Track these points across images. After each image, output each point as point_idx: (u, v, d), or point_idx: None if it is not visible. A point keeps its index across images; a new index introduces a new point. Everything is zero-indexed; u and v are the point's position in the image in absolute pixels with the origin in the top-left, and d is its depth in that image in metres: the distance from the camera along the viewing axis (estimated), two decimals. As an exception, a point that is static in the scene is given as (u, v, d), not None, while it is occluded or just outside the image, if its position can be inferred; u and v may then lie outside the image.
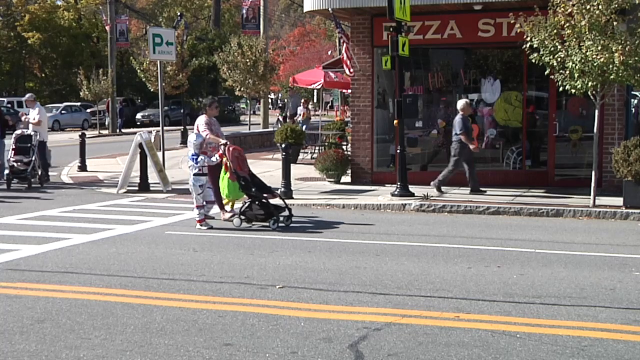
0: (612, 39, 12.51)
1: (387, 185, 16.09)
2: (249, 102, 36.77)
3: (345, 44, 17.31)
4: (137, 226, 11.93)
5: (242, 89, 28.76)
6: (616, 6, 12.51)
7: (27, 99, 18.87)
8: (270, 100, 53.25)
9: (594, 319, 6.77)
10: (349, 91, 19.60)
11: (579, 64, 12.59)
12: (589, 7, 12.43)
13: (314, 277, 8.37)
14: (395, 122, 15.07)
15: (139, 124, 47.60)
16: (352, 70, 17.04)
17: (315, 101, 48.90)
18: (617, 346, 5.98)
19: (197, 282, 8.16)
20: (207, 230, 11.60)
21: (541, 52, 12.99)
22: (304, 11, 18.10)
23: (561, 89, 13.35)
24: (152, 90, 29.25)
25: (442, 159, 16.91)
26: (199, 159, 11.72)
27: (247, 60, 27.93)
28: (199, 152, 11.83)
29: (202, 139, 11.97)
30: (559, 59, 12.84)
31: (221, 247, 10.34)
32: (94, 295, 7.62)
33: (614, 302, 7.30)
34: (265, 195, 11.99)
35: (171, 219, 12.78)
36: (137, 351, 5.87)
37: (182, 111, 42.52)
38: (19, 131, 17.90)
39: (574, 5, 12.56)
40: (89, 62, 54.99)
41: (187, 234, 11.35)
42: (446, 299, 7.42)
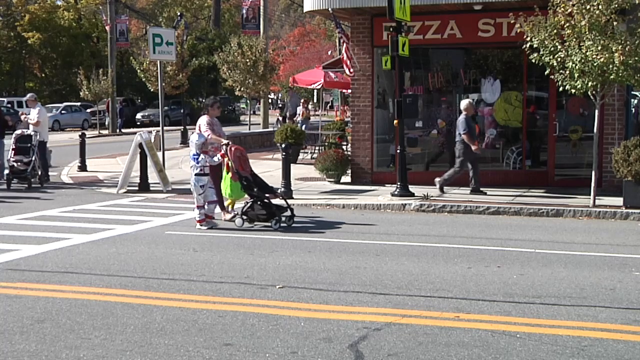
0: (612, 39, 12.51)
1: (387, 185, 16.09)
2: (249, 102, 36.77)
3: (345, 44, 17.31)
4: (137, 226, 11.93)
5: (242, 89, 28.76)
6: (616, 6, 12.51)
7: (28, 98, 18.88)
8: (270, 100, 53.25)
9: (594, 319, 6.77)
10: (349, 91, 19.60)
11: (579, 64, 12.59)
12: (589, 7, 12.44)
13: (314, 277, 8.37)
14: (395, 122, 15.07)
15: (139, 124, 47.61)
16: (352, 70, 17.04)
17: (315, 101, 48.89)
18: (617, 346, 5.98)
19: (197, 282, 8.16)
20: (207, 230, 11.60)
21: (541, 52, 12.99)
22: (304, 11, 18.10)
23: (561, 89, 13.35)
24: (152, 90, 29.27)
25: (444, 159, 16.95)
26: (200, 159, 11.72)
27: (247, 60, 27.92)
28: (201, 152, 11.84)
29: (204, 139, 11.97)
30: (559, 59, 12.84)
31: (221, 247, 10.34)
32: (94, 295, 7.62)
33: (614, 302, 7.30)
34: (267, 195, 11.99)
35: (171, 219, 12.78)
36: (137, 351, 5.87)
37: (182, 111, 42.58)
38: (19, 131, 17.89)
39: (574, 5, 12.56)
40: (89, 62, 55.00)
41: (187, 234, 11.35)
42: (446, 299, 7.42)
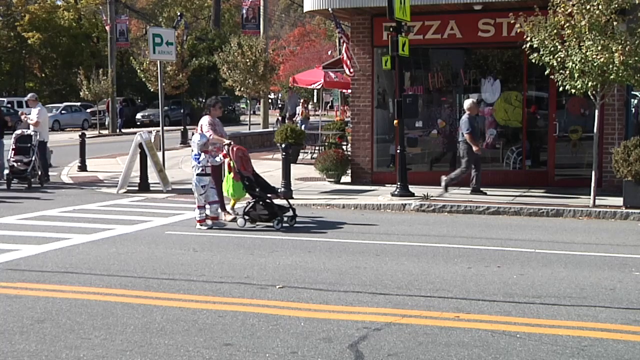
0: (612, 39, 12.51)
1: (387, 185, 16.09)
2: (249, 102, 36.77)
3: (345, 44, 17.31)
4: (137, 226, 11.93)
5: (242, 89, 28.76)
6: (616, 6, 12.51)
7: (29, 98, 18.91)
8: (270, 100, 53.25)
9: (594, 319, 6.77)
10: (349, 91, 19.60)
11: (579, 64, 12.59)
12: (589, 7, 12.43)
13: (314, 277, 8.37)
14: (395, 122, 15.07)
15: (139, 124, 47.60)
16: (352, 70, 17.04)
17: (315, 101, 48.90)
18: (617, 346, 5.98)
19: (197, 282, 8.16)
20: (207, 230, 11.60)
21: (541, 52, 12.99)
22: (304, 11, 18.10)
23: (561, 89, 13.35)
24: (152, 90, 29.29)
25: (446, 159, 16.97)
26: (201, 159, 11.72)
27: (247, 60, 27.92)
28: (202, 151, 11.83)
29: (206, 139, 11.96)
30: (559, 59, 12.84)
31: (221, 247, 10.34)
32: (94, 295, 7.62)
33: (614, 302, 7.30)
34: (269, 195, 11.98)
35: (171, 219, 12.78)
36: (137, 351, 5.87)
37: (182, 111, 42.60)
38: (19, 131, 17.90)
39: (574, 5, 12.56)
40: (89, 62, 55.00)
41: (187, 234, 11.35)
42: (446, 299, 7.42)
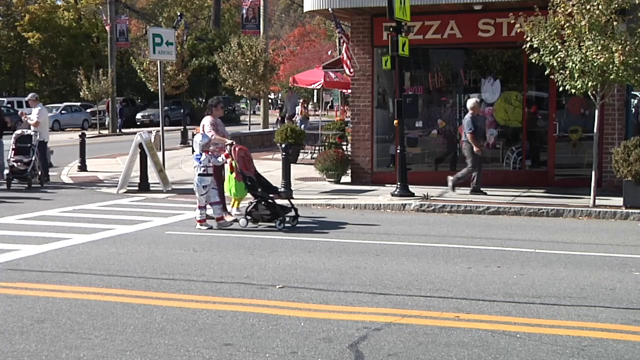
0: (612, 39, 12.51)
1: (387, 185, 16.09)
2: (249, 102, 36.77)
3: (345, 44, 17.30)
4: (137, 226, 11.93)
5: (242, 89, 28.75)
6: (616, 6, 12.51)
7: (29, 98, 18.93)
8: (270, 100, 53.25)
9: (594, 319, 6.77)
10: (349, 91, 19.60)
11: (579, 64, 12.59)
12: (589, 7, 12.43)
13: (314, 277, 8.37)
14: (395, 122, 15.07)
15: (139, 124, 47.59)
16: (352, 70, 17.03)
17: (315, 101, 48.90)
18: (617, 346, 5.98)
19: (197, 282, 8.16)
20: (207, 230, 11.60)
21: (541, 52, 12.99)
22: (304, 11, 18.09)
23: (561, 89, 13.35)
24: (152, 90, 29.29)
25: (447, 159, 16.97)
26: (203, 159, 11.71)
27: (247, 60, 27.91)
28: (202, 151, 11.81)
29: (208, 139, 11.95)
30: (559, 59, 12.84)
31: (221, 247, 10.34)
32: (94, 295, 7.62)
33: (614, 302, 7.30)
34: (271, 195, 11.97)
35: (171, 219, 12.78)
36: (137, 351, 5.87)
37: (182, 111, 42.57)
38: (19, 131, 17.91)
39: (574, 5, 12.56)
40: (89, 62, 54.98)
41: (187, 234, 11.35)
42: (446, 299, 7.42)
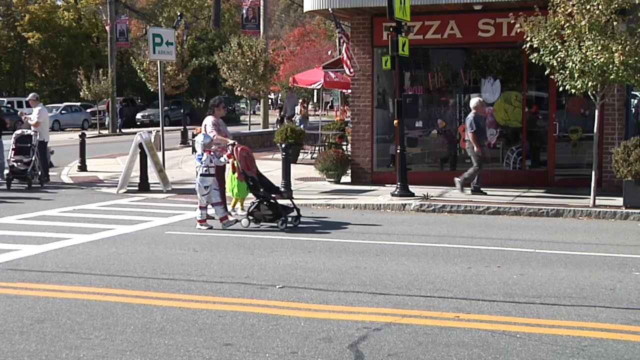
0: (612, 39, 12.50)
1: (387, 185, 16.09)
2: (249, 102, 36.78)
3: (345, 44, 17.30)
4: (137, 226, 11.93)
5: (242, 89, 28.76)
6: (616, 6, 12.51)
7: (30, 98, 18.95)
8: (270, 100, 53.26)
9: (594, 319, 6.77)
10: (349, 91, 19.59)
11: (579, 64, 12.59)
12: (589, 7, 12.43)
13: (314, 277, 8.37)
14: (395, 122, 15.06)
15: (139, 124, 47.58)
16: (352, 70, 17.03)
17: (315, 101, 48.90)
18: (617, 346, 5.98)
19: (197, 282, 8.16)
20: (207, 230, 11.60)
21: (541, 52, 12.98)
22: (304, 11, 18.09)
23: (561, 89, 13.35)
24: (152, 90, 29.29)
25: (447, 159, 16.94)
26: (204, 159, 11.70)
27: (247, 60, 27.92)
28: (204, 151, 11.80)
29: (210, 140, 11.94)
30: (559, 59, 12.84)
31: (221, 247, 10.34)
32: (94, 295, 7.62)
33: (614, 302, 7.30)
34: (273, 195, 11.96)
35: (171, 219, 12.78)
36: (137, 351, 5.87)
37: (182, 111, 42.57)
38: (19, 131, 17.91)
39: (574, 5, 12.55)
40: (89, 62, 54.96)
41: (187, 234, 11.35)
42: (446, 299, 7.42)
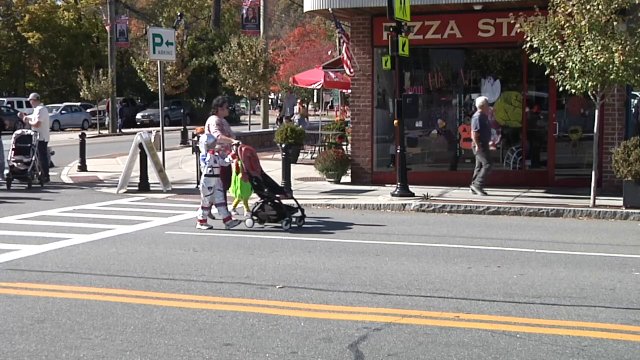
0: (612, 39, 12.51)
1: (387, 185, 16.09)
2: (249, 102, 36.77)
3: (345, 44, 17.30)
4: (137, 226, 11.93)
5: (242, 89, 28.76)
6: (616, 6, 12.51)
7: (31, 98, 18.96)
8: (270, 100, 53.26)
9: (594, 319, 6.77)
10: (349, 91, 19.59)
11: (579, 64, 12.59)
12: (589, 7, 12.43)
13: (314, 277, 8.37)
14: (395, 122, 15.06)
15: (139, 124, 47.57)
16: (352, 70, 17.03)
17: (315, 101, 48.89)
18: (617, 346, 5.98)
19: (197, 282, 8.16)
20: (207, 230, 11.59)
21: (541, 52, 12.98)
22: (304, 11, 18.09)
23: (561, 89, 13.35)
24: (152, 90, 29.29)
25: (447, 159, 16.93)
26: (208, 159, 11.69)
27: (247, 60, 27.91)
28: (207, 151, 11.79)
29: (213, 140, 11.93)
30: (559, 59, 12.84)
31: (221, 247, 10.34)
32: (94, 295, 7.62)
33: (614, 302, 7.30)
34: (277, 195, 11.95)
35: (171, 219, 12.78)
36: (137, 351, 5.87)
37: (182, 111, 42.57)
38: (19, 131, 17.93)
39: (574, 5, 12.56)
40: (89, 62, 54.96)
41: (187, 234, 11.35)
42: (446, 299, 7.42)
